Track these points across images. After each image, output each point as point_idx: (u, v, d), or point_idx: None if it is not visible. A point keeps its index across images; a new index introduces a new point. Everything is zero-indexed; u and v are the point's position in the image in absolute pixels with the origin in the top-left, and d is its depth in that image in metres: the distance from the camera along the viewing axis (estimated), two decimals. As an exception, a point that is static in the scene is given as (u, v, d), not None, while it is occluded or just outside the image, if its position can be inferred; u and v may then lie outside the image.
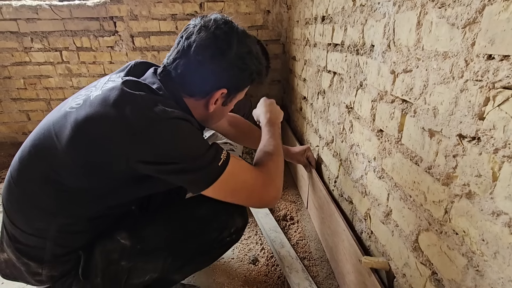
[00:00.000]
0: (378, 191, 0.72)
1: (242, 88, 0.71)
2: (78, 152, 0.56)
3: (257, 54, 0.68)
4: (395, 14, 0.61)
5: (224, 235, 0.76)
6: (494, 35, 0.38)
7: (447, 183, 0.48)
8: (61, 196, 0.59)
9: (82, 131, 0.55)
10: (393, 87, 0.63)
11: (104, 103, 0.55)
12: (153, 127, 0.53)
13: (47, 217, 0.61)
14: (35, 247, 0.62)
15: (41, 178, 0.58)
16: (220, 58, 0.62)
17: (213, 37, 0.61)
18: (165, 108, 0.56)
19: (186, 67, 0.62)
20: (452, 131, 0.46)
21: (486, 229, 0.40)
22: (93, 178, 0.58)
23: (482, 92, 0.40)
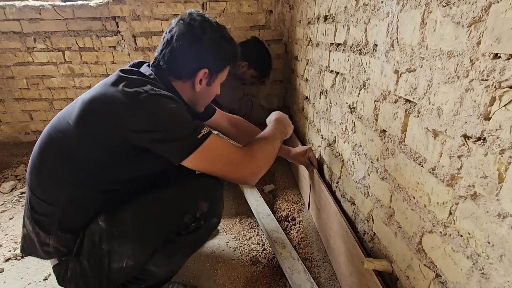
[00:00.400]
0: (380, 192, 0.71)
1: (221, 68, 0.83)
2: (84, 125, 0.67)
3: (229, 38, 0.81)
4: (399, 13, 0.60)
5: (186, 220, 0.74)
6: (501, 34, 0.37)
7: (452, 184, 0.47)
8: (71, 166, 0.69)
9: (87, 107, 0.67)
10: (397, 86, 0.62)
11: (104, 84, 0.69)
12: (142, 101, 0.64)
13: (59, 185, 0.70)
14: (46, 216, 0.72)
15: (56, 151, 0.70)
16: (197, 42, 0.75)
17: (189, 26, 0.75)
18: (153, 87, 0.67)
19: (171, 55, 0.76)
20: (457, 132, 0.45)
21: (492, 232, 0.40)
22: (97, 148, 0.68)
23: (488, 91, 0.39)
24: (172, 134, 0.66)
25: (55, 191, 0.71)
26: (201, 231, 0.78)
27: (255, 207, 1.24)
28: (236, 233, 1.21)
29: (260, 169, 0.76)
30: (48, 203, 0.71)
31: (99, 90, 0.68)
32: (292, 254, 0.97)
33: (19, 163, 1.89)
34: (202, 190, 0.77)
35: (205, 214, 0.76)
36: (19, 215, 1.43)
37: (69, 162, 0.69)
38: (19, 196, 1.58)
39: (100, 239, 0.71)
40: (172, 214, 0.74)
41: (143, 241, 0.72)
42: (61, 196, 0.70)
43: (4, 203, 1.53)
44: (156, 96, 0.66)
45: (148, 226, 0.72)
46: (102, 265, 0.72)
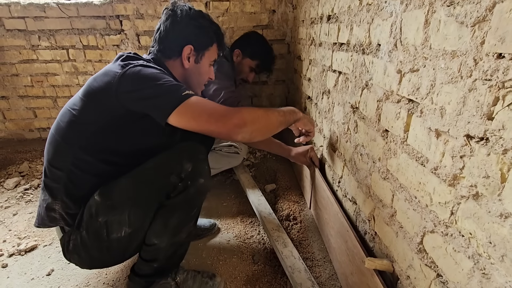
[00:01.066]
0: (382, 192, 0.71)
1: (205, 45, 0.90)
2: (89, 95, 0.76)
3: (208, 17, 0.90)
4: (402, 12, 0.60)
5: (173, 180, 0.76)
6: (505, 33, 0.37)
7: (454, 184, 0.47)
8: (77, 130, 0.77)
9: (91, 81, 0.77)
10: (399, 86, 0.62)
11: (106, 65, 0.80)
12: (133, 68, 0.73)
13: (67, 149, 0.77)
14: (55, 181, 0.79)
15: (67, 120, 0.78)
16: (178, 21, 0.85)
17: (172, 11, 0.86)
18: (146, 62, 0.77)
19: (159, 38, 0.87)
20: (460, 132, 0.45)
21: (494, 232, 0.40)
22: (98, 114, 0.75)
23: (491, 91, 0.39)
24: (158, 90, 0.71)
25: (63, 155, 0.78)
26: (190, 191, 0.79)
27: (257, 206, 1.24)
28: (238, 232, 1.22)
29: (244, 122, 0.73)
30: (57, 168, 0.78)
31: (102, 69, 0.79)
32: (293, 253, 0.97)
33: (23, 159, 1.90)
34: (185, 152, 0.80)
35: (190, 173, 0.78)
36: (22, 211, 1.44)
37: (76, 127, 0.77)
38: (22, 193, 1.59)
39: (96, 212, 0.76)
40: (159, 175, 0.77)
41: (136, 205, 0.76)
42: (68, 160, 0.77)
43: (8, 199, 1.55)
44: (146, 65, 0.75)
45: (139, 190, 0.76)
46: (100, 236, 0.77)
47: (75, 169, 0.78)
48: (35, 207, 1.47)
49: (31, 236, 1.27)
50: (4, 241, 1.24)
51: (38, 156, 1.95)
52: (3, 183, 1.68)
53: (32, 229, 1.31)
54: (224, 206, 1.39)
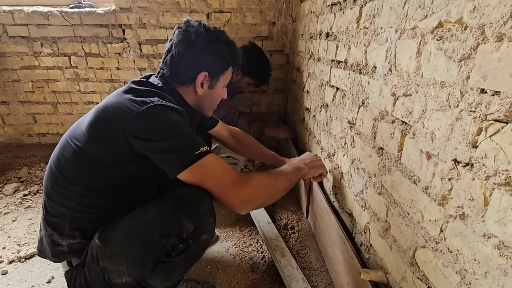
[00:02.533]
0: (377, 206, 0.75)
1: (221, 70, 0.85)
2: (95, 129, 0.72)
3: (226, 40, 0.84)
4: (397, 40, 0.65)
5: (172, 242, 0.69)
6: (487, 72, 0.41)
7: (443, 203, 0.51)
8: (79, 167, 0.73)
9: (98, 114, 0.72)
10: (394, 108, 0.66)
11: (116, 94, 0.75)
12: (147, 110, 0.68)
13: (69, 186, 0.74)
14: (59, 217, 0.76)
15: (68, 155, 0.74)
16: (193, 46, 0.79)
17: (185, 32, 0.79)
18: (160, 99, 0.72)
19: (171, 62, 0.81)
20: (448, 156, 0.49)
21: (478, 250, 0.43)
22: (104, 150, 0.72)
23: (476, 122, 0.44)
24: (171, 146, 0.68)
25: (66, 193, 0.75)
26: (192, 250, 0.73)
27: (255, 215, 1.27)
28: (236, 240, 1.24)
29: (251, 199, 0.73)
30: (60, 205, 0.76)
31: (111, 99, 0.73)
32: (291, 262, 1.00)
33: (22, 165, 1.91)
34: (185, 209, 0.70)
35: (191, 233, 0.70)
36: (21, 217, 1.45)
37: (80, 166, 0.73)
38: (21, 199, 1.60)
39: (97, 255, 0.73)
40: (156, 236, 0.69)
41: (134, 261, 0.71)
42: (71, 198, 0.75)
43: (7, 205, 1.55)
44: (161, 107, 0.70)
45: (136, 248, 0.70)
46: (102, 279, 0.75)
47: (79, 206, 0.76)
48: (34, 213, 1.48)
49: (31, 243, 1.28)
50: (3, 247, 1.25)
51: (37, 161, 1.96)
52: (2, 189, 1.68)
53: (31, 235, 1.32)
54: (223, 214, 1.42)
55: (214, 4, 1.83)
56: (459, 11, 0.46)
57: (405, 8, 0.61)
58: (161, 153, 0.69)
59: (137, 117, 0.67)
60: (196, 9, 1.84)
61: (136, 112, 0.68)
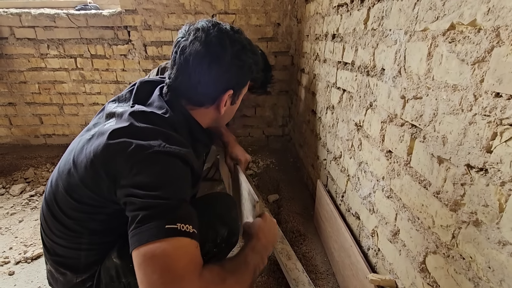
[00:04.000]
0: (386, 210, 0.74)
1: (245, 83, 0.74)
2: (88, 178, 0.59)
3: (250, 46, 0.70)
4: (406, 42, 0.64)
5: (208, 248, 0.69)
6: (502, 75, 0.40)
7: (455, 209, 0.50)
8: (80, 216, 0.64)
9: (92, 163, 0.58)
10: (403, 111, 0.66)
11: (113, 131, 0.58)
12: (147, 158, 0.55)
13: (76, 234, 0.66)
14: (71, 258, 0.69)
15: (66, 206, 0.64)
16: (218, 63, 0.64)
17: (205, 45, 0.63)
18: (162, 143, 0.57)
19: (189, 82, 0.65)
20: (461, 161, 0.48)
21: (492, 257, 0.42)
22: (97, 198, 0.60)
23: (490, 127, 0.43)
24: (146, 207, 0.52)
25: (75, 240, 0.67)
26: (223, 252, 0.76)
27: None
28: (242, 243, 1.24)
29: None
30: (72, 248, 0.68)
31: (107, 143, 0.57)
32: (297, 265, 0.99)
33: (28, 165, 1.92)
34: (218, 215, 0.73)
35: (225, 238, 0.73)
36: (28, 218, 1.46)
37: (79, 215, 0.64)
38: (28, 199, 1.61)
39: (117, 274, 0.67)
40: None
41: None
42: (83, 241, 0.67)
43: (14, 206, 1.56)
44: (161, 154, 0.56)
45: None
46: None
47: (93, 246, 0.68)
48: (41, 214, 1.49)
49: (37, 244, 1.28)
50: (10, 248, 1.26)
51: (43, 162, 1.97)
52: (8, 190, 1.70)
53: (38, 236, 1.33)
54: (228, 216, 1.41)
55: (219, 5, 1.83)
56: (473, 13, 0.46)
57: (415, 10, 0.60)
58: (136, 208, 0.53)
59: (132, 164, 0.55)
60: (201, 10, 1.84)
61: (133, 159, 0.55)
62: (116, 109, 0.66)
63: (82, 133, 0.70)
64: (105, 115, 0.69)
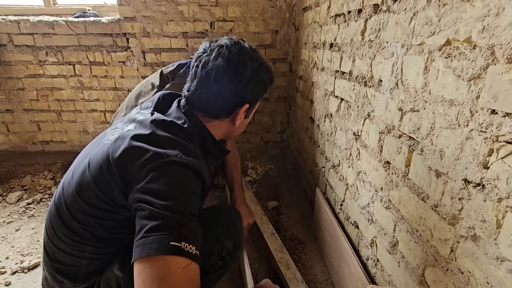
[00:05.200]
0: (385, 221, 0.74)
1: (259, 98, 0.78)
2: (102, 179, 0.60)
3: (265, 64, 0.75)
4: (403, 55, 0.65)
5: (213, 260, 0.73)
6: (497, 93, 0.41)
7: (453, 223, 0.50)
8: (90, 221, 0.63)
9: (109, 164, 0.59)
10: (401, 123, 0.66)
11: (133, 140, 0.60)
12: (162, 166, 0.56)
13: (81, 240, 0.65)
14: (71, 266, 0.68)
15: (77, 210, 0.63)
16: (238, 78, 0.68)
17: (228, 61, 0.67)
18: (179, 153, 0.59)
19: (209, 94, 0.69)
20: (458, 175, 0.49)
21: (491, 273, 0.43)
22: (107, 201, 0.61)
23: (487, 143, 0.43)
24: (155, 217, 0.52)
25: (79, 246, 0.66)
26: (227, 266, 0.78)
27: (259, 224, 1.26)
28: (240, 251, 1.23)
29: None
30: (74, 256, 0.68)
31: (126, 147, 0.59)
32: (296, 275, 0.99)
33: (26, 173, 1.91)
34: (223, 228, 0.76)
35: (231, 251, 0.75)
36: (25, 227, 1.45)
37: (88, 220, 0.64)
38: (25, 207, 1.60)
39: (117, 286, 0.67)
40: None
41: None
42: (86, 249, 0.67)
43: (11, 214, 1.55)
44: (177, 165, 0.57)
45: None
46: None
47: (96, 255, 0.68)
48: (38, 222, 1.48)
49: (34, 253, 1.27)
50: (7, 258, 1.24)
51: (41, 169, 1.96)
52: (5, 197, 1.68)
53: (35, 245, 1.32)
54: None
55: (217, 13, 1.84)
56: (468, 30, 0.46)
57: (411, 24, 0.61)
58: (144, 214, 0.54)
59: (147, 171, 0.56)
60: (200, 18, 1.85)
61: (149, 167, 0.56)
62: (137, 116, 0.68)
63: (98, 138, 0.72)
64: (126, 120, 0.71)
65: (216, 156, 0.78)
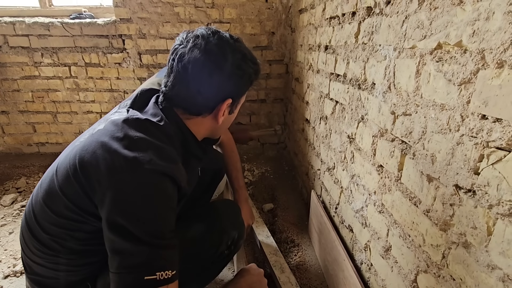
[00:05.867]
0: (378, 225, 0.74)
1: (244, 92, 0.72)
2: (69, 186, 0.56)
3: (250, 55, 0.68)
4: (396, 58, 0.64)
5: (221, 249, 0.79)
6: (488, 98, 0.40)
7: (445, 229, 0.50)
8: (58, 232, 0.60)
9: (76, 170, 0.55)
10: (393, 127, 0.66)
11: (101, 142, 0.56)
12: (132, 173, 0.52)
13: (53, 253, 0.62)
14: (50, 278, 0.65)
15: (45, 220, 0.60)
16: (219, 72, 0.62)
17: (206, 53, 0.60)
18: (152, 158, 0.54)
19: (187, 90, 0.63)
20: (449, 181, 0.48)
21: (482, 281, 0.42)
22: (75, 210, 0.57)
23: (477, 148, 0.42)
24: (127, 251, 0.50)
25: (52, 258, 0.63)
26: (231, 256, 0.85)
27: (254, 227, 1.26)
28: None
29: None
30: (49, 268, 0.64)
31: (94, 148, 0.55)
32: (290, 279, 0.98)
33: (21, 175, 1.90)
34: (227, 219, 0.83)
35: (236, 240, 0.83)
36: (19, 230, 1.43)
37: (57, 231, 0.60)
38: (19, 210, 1.59)
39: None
40: (207, 249, 0.76)
41: (180, 278, 0.57)
42: (60, 262, 0.63)
43: (4, 217, 1.54)
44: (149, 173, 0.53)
45: (182, 266, 0.59)
46: None
47: (72, 267, 0.64)
48: (31, 226, 1.46)
49: (27, 257, 1.26)
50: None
51: (36, 171, 1.95)
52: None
53: (28, 249, 1.31)
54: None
55: (213, 14, 1.84)
56: (458, 34, 0.46)
57: (403, 27, 0.61)
58: (114, 239, 0.51)
59: (116, 179, 0.52)
60: (196, 19, 1.85)
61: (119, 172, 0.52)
62: (112, 116, 0.63)
63: (73, 141, 0.66)
64: (102, 120, 0.66)
65: (199, 157, 0.73)
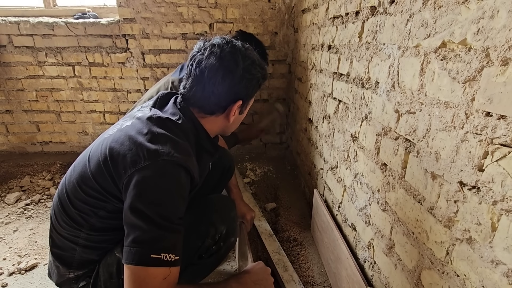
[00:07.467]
0: (381, 223, 0.74)
1: (253, 94, 0.79)
2: (99, 173, 0.66)
3: (258, 61, 0.76)
4: (400, 57, 0.65)
5: (208, 243, 0.78)
6: (492, 95, 0.41)
7: (449, 226, 0.50)
8: (85, 209, 0.69)
9: (106, 159, 0.65)
10: (397, 125, 0.66)
11: (129, 136, 0.66)
12: (153, 163, 0.60)
13: (76, 226, 0.71)
14: (67, 251, 0.74)
15: (76, 197, 0.70)
16: (231, 76, 0.71)
17: (220, 60, 0.70)
18: (170, 151, 0.62)
19: (203, 91, 0.72)
20: (453, 178, 0.48)
21: (486, 276, 0.42)
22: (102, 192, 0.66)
23: (482, 145, 0.43)
24: (140, 228, 0.58)
25: (73, 231, 0.72)
26: (222, 252, 0.83)
27: (257, 226, 1.26)
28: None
29: None
30: (69, 241, 0.73)
31: (124, 139, 0.65)
32: (293, 277, 0.98)
33: (24, 173, 1.91)
34: (217, 213, 0.82)
35: (224, 235, 0.81)
36: (23, 228, 1.45)
37: (84, 208, 0.69)
38: (23, 208, 1.60)
39: (118, 270, 0.71)
40: (192, 240, 0.76)
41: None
42: (80, 235, 0.72)
43: (9, 215, 1.55)
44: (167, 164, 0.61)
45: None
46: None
47: (89, 243, 0.73)
48: (36, 223, 1.48)
49: (31, 254, 1.27)
50: (4, 259, 1.24)
51: (40, 170, 1.96)
52: (4, 198, 1.68)
53: (32, 246, 1.32)
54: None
55: (216, 14, 1.85)
56: (463, 32, 0.46)
57: (407, 26, 0.61)
58: (133, 212, 0.59)
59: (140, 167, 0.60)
60: (199, 19, 1.85)
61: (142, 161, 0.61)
62: (137, 113, 0.73)
63: (102, 134, 0.76)
64: (127, 117, 0.75)
65: (211, 153, 0.81)
